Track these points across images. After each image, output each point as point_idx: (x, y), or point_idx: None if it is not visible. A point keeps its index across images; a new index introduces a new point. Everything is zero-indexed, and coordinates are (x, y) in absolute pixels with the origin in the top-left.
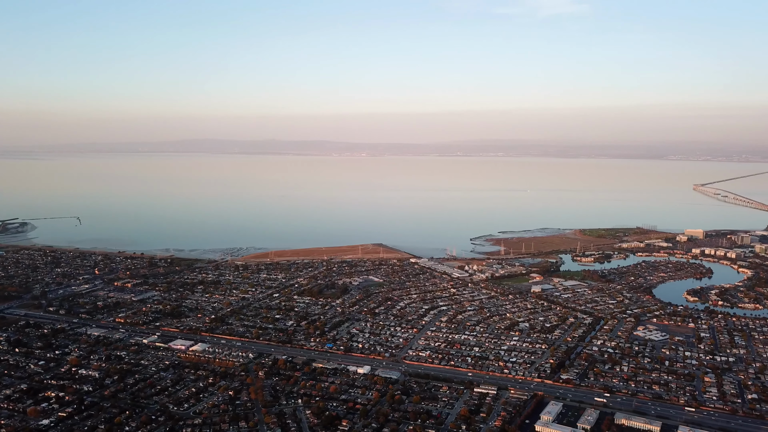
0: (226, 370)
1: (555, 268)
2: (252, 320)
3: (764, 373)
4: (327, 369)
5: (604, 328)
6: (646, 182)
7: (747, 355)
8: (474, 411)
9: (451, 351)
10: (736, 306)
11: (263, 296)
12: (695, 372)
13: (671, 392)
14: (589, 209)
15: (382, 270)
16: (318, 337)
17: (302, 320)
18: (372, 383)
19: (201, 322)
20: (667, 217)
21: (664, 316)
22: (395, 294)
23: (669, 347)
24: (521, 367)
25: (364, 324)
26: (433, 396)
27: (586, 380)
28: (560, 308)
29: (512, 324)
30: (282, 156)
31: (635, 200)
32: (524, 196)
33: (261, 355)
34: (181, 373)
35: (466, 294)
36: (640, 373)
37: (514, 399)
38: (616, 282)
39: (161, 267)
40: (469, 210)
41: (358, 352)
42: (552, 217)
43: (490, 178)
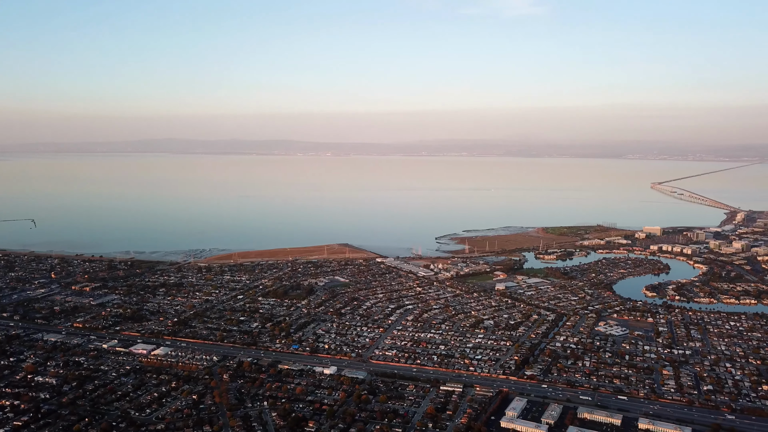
0: (190, 373)
1: (518, 266)
2: (216, 323)
3: (719, 365)
4: (293, 370)
5: (567, 324)
6: (606, 181)
7: (702, 348)
8: (440, 409)
9: (417, 350)
10: (692, 300)
11: (227, 298)
12: (654, 365)
13: (631, 385)
14: (551, 208)
15: (348, 270)
16: (283, 339)
17: (267, 322)
18: (338, 384)
19: (163, 325)
20: (627, 215)
21: (624, 312)
22: (361, 294)
23: (629, 342)
24: (486, 364)
25: (330, 324)
26: (400, 395)
27: (550, 376)
28: (524, 305)
29: (477, 322)
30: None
31: (596, 199)
32: (488, 195)
33: (225, 358)
34: (142, 377)
35: (431, 293)
36: (601, 367)
37: (479, 396)
38: (578, 279)
39: (121, 270)
40: (434, 209)
41: (324, 352)
42: (515, 216)
43: (455, 178)
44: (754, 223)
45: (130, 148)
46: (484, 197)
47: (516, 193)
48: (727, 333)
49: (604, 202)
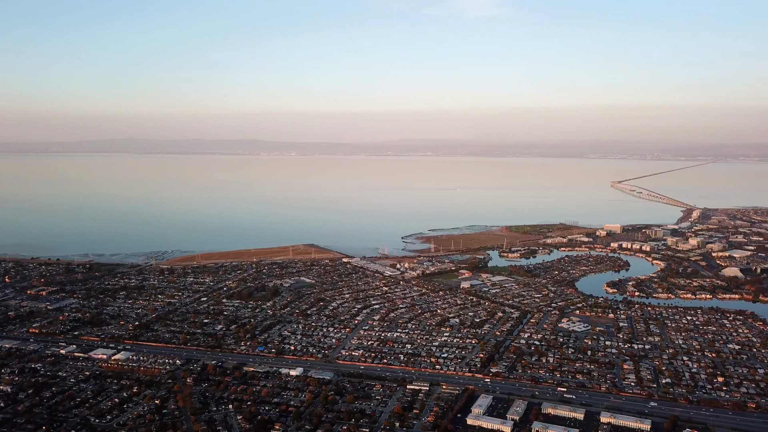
0: (152, 378)
1: (483, 264)
2: (179, 326)
3: (676, 358)
4: (258, 372)
5: (531, 321)
6: (568, 180)
7: (661, 342)
8: (407, 408)
9: (384, 349)
10: (651, 296)
11: (190, 300)
12: (615, 360)
13: (593, 380)
14: (514, 206)
15: (314, 271)
16: (249, 341)
17: (232, 324)
18: (305, 385)
19: (124, 329)
20: (588, 213)
21: (586, 308)
22: (327, 294)
23: (591, 337)
24: (452, 362)
25: (296, 326)
26: (367, 395)
27: (515, 372)
28: (489, 303)
29: (443, 320)
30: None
31: (558, 197)
32: (453, 194)
33: (189, 362)
34: (102, 383)
35: (398, 292)
36: (564, 363)
37: (446, 394)
38: (542, 276)
39: (79, 273)
40: (400, 209)
41: (291, 354)
42: (480, 215)
43: (421, 178)
44: (708, 221)
45: (88, 148)
46: (450, 197)
47: (480, 193)
48: (684, 327)
49: (566, 201)
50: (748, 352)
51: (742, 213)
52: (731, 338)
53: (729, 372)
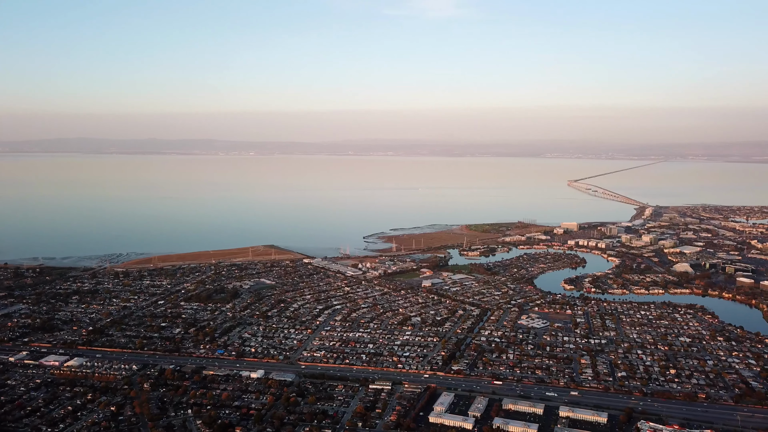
0: (107, 384)
1: (444, 263)
2: (135, 330)
3: (631, 352)
4: (218, 376)
5: (491, 318)
6: (526, 179)
7: (617, 337)
8: (370, 407)
9: (346, 349)
10: (607, 292)
11: (147, 304)
12: (573, 355)
13: (552, 375)
14: (474, 205)
15: (274, 272)
16: (208, 344)
17: (190, 327)
18: (266, 387)
19: (77, 335)
20: (546, 211)
21: (544, 305)
22: (288, 295)
23: (549, 333)
24: (414, 360)
25: (257, 328)
26: (329, 395)
27: (476, 370)
28: (450, 301)
29: (405, 319)
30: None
31: (516, 196)
32: (415, 194)
33: (146, 367)
34: (55, 391)
35: (360, 292)
36: (524, 359)
37: (408, 393)
38: (501, 274)
39: (29, 278)
40: (361, 208)
41: (251, 356)
42: (440, 214)
43: (382, 177)
44: (660, 218)
45: (36, 147)
46: (411, 196)
47: (441, 192)
48: (638, 322)
49: (524, 200)
50: (698, 344)
51: (692, 210)
52: (682, 331)
53: (680, 364)
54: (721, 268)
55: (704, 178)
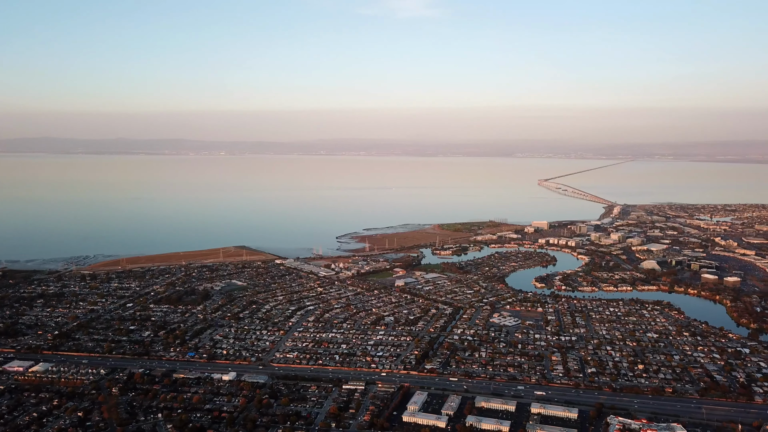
0: (74, 389)
1: (417, 262)
2: (103, 333)
3: (601, 348)
4: (189, 379)
5: (464, 317)
6: (497, 178)
7: (586, 334)
8: (343, 408)
9: (319, 350)
10: (577, 289)
11: (115, 307)
12: (544, 352)
13: (524, 373)
14: (446, 205)
15: (246, 273)
16: (178, 347)
17: (160, 330)
18: (238, 390)
19: (42, 339)
20: (516, 210)
21: (516, 303)
22: (260, 297)
23: (521, 331)
24: (388, 360)
25: (228, 329)
26: (302, 397)
27: (449, 368)
28: (423, 300)
29: (378, 319)
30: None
31: (488, 195)
32: (388, 193)
33: (114, 371)
34: (19, 397)
35: (333, 292)
36: (496, 357)
37: (381, 392)
38: (473, 273)
39: None
40: (334, 208)
41: (223, 358)
42: (413, 214)
43: (355, 177)
44: (628, 216)
45: None
46: (384, 196)
47: (414, 192)
48: (608, 318)
49: (495, 199)
50: (665, 339)
51: (658, 209)
52: (650, 327)
53: (648, 359)
54: (686, 265)
55: (670, 177)
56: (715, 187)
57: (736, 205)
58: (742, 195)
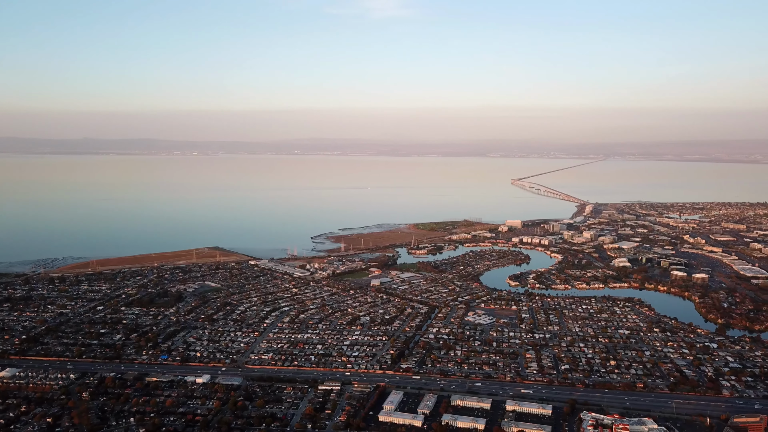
0: (43, 395)
1: (392, 262)
2: (72, 337)
3: (574, 345)
4: (162, 382)
5: (439, 315)
6: (471, 178)
7: (560, 331)
8: (319, 408)
9: (294, 351)
10: (550, 287)
11: (85, 310)
12: (518, 350)
13: (499, 370)
14: (421, 204)
15: (220, 274)
16: (151, 350)
17: (132, 333)
18: (212, 392)
19: (9, 344)
20: (490, 210)
21: (490, 301)
22: (234, 298)
23: (496, 329)
24: (364, 360)
25: (202, 331)
26: (278, 398)
27: (425, 367)
28: (398, 300)
29: (354, 319)
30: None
31: (462, 195)
32: (363, 193)
33: (85, 375)
34: None
35: (308, 293)
36: (472, 355)
37: (357, 392)
38: (448, 272)
39: None
40: (309, 208)
41: (197, 361)
42: (388, 213)
43: (329, 177)
44: (600, 215)
45: None
46: (359, 196)
47: (389, 192)
48: (580, 315)
49: (469, 198)
50: (636, 336)
51: (629, 207)
52: (621, 324)
53: (620, 355)
54: (656, 262)
55: (640, 176)
56: (683, 185)
57: (704, 203)
58: (709, 193)
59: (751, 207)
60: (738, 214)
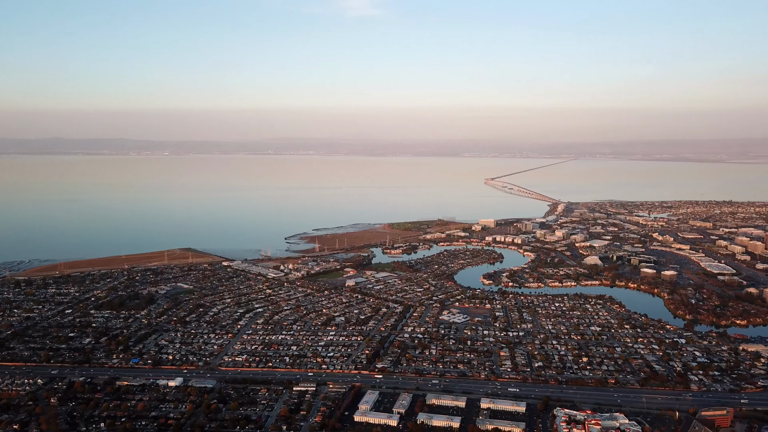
0: (9, 401)
1: (367, 262)
2: (40, 342)
3: (547, 342)
4: (133, 386)
5: (414, 315)
6: (445, 177)
7: (533, 329)
8: (294, 410)
9: (269, 352)
10: (524, 286)
11: (53, 313)
12: (492, 348)
13: (473, 369)
14: (395, 204)
15: (192, 276)
16: (121, 353)
17: (102, 336)
18: (185, 395)
19: None
20: (464, 209)
21: (465, 300)
22: (207, 300)
23: (470, 328)
24: (339, 360)
25: (174, 334)
26: (252, 400)
27: (400, 366)
28: (373, 299)
29: (329, 319)
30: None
31: (436, 194)
32: (337, 193)
33: (53, 380)
34: None
35: (282, 294)
36: (446, 354)
37: (332, 393)
38: (423, 271)
39: None
40: (283, 209)
41: (169, 364)
42: (363, 213)
43: (303, 177)
44: (572, 214)
45: None
46: (333, 196)
47: (364, 191)
48: (553, 313)
49: (443, 198)
50: (608, 332)
51: (600, 206)
52: (593, 321)
53: (592, 352)
54: (626, 260)
55: (610, 175)
56: (652, 184)
57: (672, 201)
58: (677, 192)
59: (717, 205)
60: (705, 212)
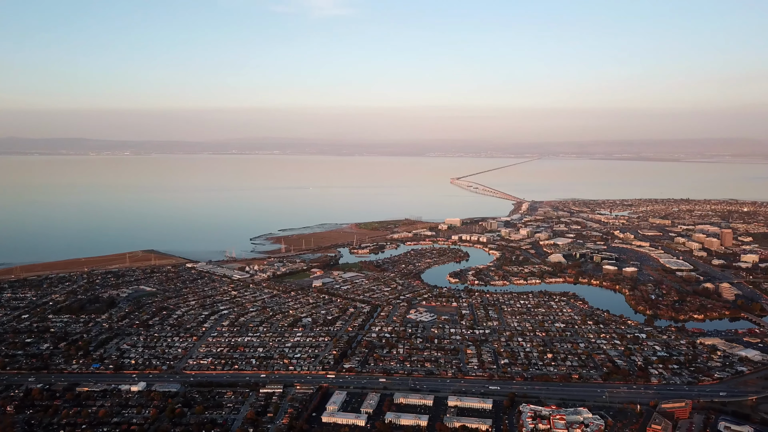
0: None
1: (334, 262)
2: None
3: (513, 340)
4: (94, 392)
5: (381, 314)
6: (411, 177)
7: (499, 326)
8: (261, 412)
9: (235, 355)
10: (489, 284)
11: (9, 319)
12: (459, 346)
13: (441, 367)
14: (362, 204)
15: (155, 278)
16: (81, 359)
17: (61, 341)
18: (148, 400)
19: None
20: (430, 208)
21: (431, 299)
22: (171, 302)
23: (437, 326)
24: (306, 361)
25: (137, 338)
26: (218, 403)
27: (368, 366)
28: (341, 300)
29: (295, 320)
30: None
31: (402, 194)
32: (303, 193)
33: (9, 388)
34: None
35: (248, 295)
36: (414, 353)
37: (300, 394)
38: (390, 270)
39: None
40: (247, 209)
41: (131, 368)
42: (330, 213)
43: (268, 177)
44: (536, 212)
45: None
46: (299, 196)
47: (330, 191)
48: (519, 311)
49: (410, 197)
50: (572, 329)
51: (563, 204)
52: (557, 318)
53: (556, 348)
54: (589, 257)
55: (574, 174)
56: (614, 183)
57: (632, 200)
58: (637, 190)
59: (675, 203)
60: (664, 210)
